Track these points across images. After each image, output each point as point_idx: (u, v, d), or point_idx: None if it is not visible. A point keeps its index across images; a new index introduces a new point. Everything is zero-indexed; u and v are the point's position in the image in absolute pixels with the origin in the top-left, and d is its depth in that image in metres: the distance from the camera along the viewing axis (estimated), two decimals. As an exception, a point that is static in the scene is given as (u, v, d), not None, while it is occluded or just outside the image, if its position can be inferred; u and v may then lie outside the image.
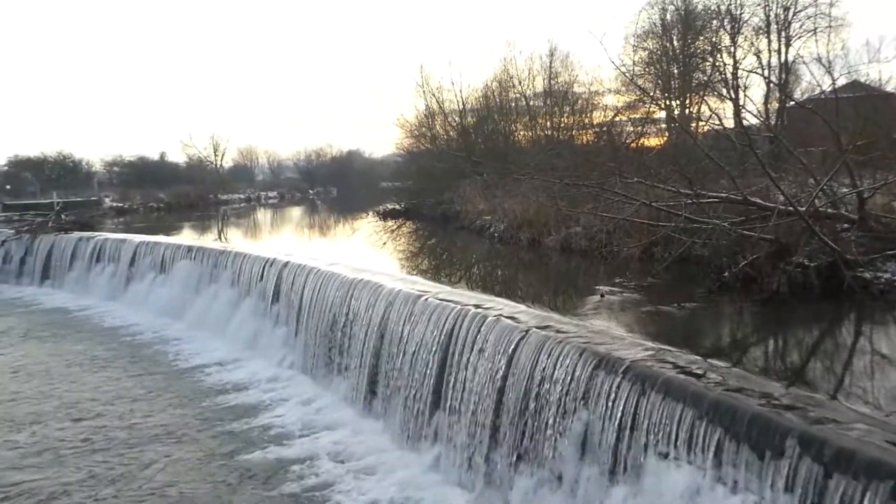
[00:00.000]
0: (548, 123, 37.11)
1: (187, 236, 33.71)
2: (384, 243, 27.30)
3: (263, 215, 57.48)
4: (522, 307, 10.48)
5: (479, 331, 9.72)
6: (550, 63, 37.74)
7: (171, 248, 23.72)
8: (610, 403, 7.24)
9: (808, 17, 36.11)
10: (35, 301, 26.22)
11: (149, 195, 65.30)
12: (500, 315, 9.75)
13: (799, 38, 36.34)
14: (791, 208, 12.01)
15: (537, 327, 9.01)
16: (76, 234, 29.98)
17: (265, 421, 12.39)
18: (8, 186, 62.12)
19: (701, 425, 6.20)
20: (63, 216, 36.18)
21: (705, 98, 29.22)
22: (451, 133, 41.69)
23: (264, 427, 12.11)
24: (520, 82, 38.34)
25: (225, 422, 12.49)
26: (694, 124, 27.81)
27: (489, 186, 28.43)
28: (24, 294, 27.85)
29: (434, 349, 10.46)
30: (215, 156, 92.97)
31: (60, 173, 72.26)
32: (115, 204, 58.85)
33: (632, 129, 30.26)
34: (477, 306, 10.42)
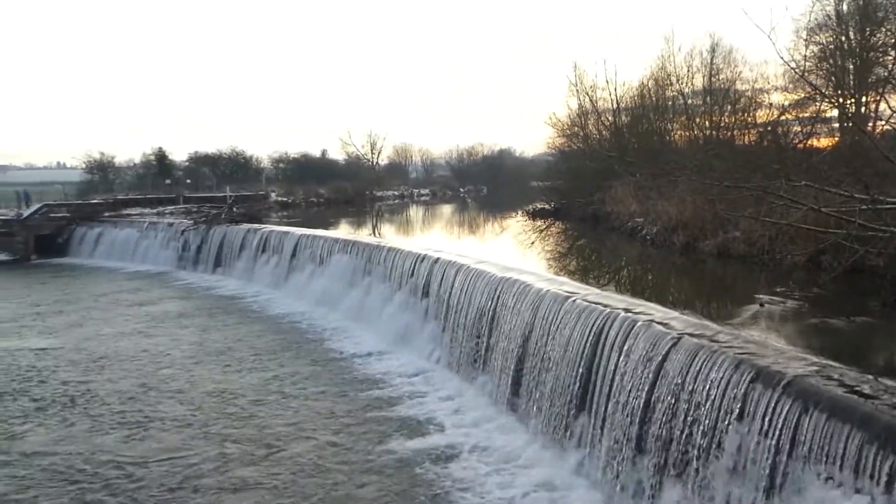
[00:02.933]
0: (706, 123, 35.45)
1: (344, 231, 35.22)
2: (532, 243, 27.23)
3: (415, 212, 58.99)
4: (674, 313, 10.14)
5: (627, 335, 9.52)
6: (712, 59, 35.94)
7: (329, 241, 24.89)
8: (767, 420, 6.87)
9: None
10: (208, 287, 28.39)
11: (310, 190, 68.67)
12: (651, 320, 9.50)
13: None
14: None
15: (689, 334, 8.70)
16: (245, 226, 32.15)
17: (411, 412, 12.78)
18: (188, 181, 67.38)
19: (871, 450, 5.74)
20: (234, 209, 38.84)
21: (885, 95, 26.84)
22: (604, 132, 40.82)
23: (409, 418, 12.49)
24: (678, 80, 36.90)
25: (371, 410, 13.00)
26: (871, 124, 25.63)
27: (642, 187, 27.61)
28: (199, 280, 30.24)
29: (580, 351, 10.36)
30: (372, 153, 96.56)
31: (233, 169, 77.62)
32: (279, 198, 62.31)
33: (799, 128, 28.34)
34: (626, 310, 10.21)
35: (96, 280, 31.16)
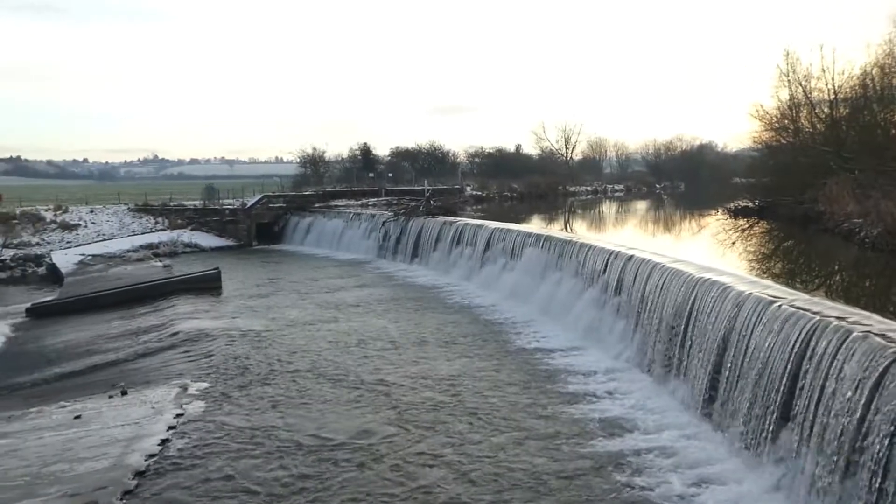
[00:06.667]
0: (944, 113, 31.69)
1: (536, 225, 35.46)
2: (733, 243, 25.91)
3: (608, 208, 58.06)
4: (896, 325, 9.26)
5: (840, 346, 8.82)
6: (952, 40, 32.00)
7: (521, 235, 25.19)
8: None
9: None
10: (405, 276, 29.84)
11: (503, 185, 69.83)
12: (868, 331, 8.73)
13: None
14: None
15: (915, 350, 7.92)
16: (441, 219, 33.39)
17: (598, 412, 12.65)
18: (390, 174, 71.15)
19: None
20: (431, 202, 40.40)
21: None
22: (818, 125, 37.73)
23: (596, 418, 12.36)
24: (908, 65, 33.22)
25: (560, 406, 13.03)
26: None
27: (862, 186, 25.30)
28: (398, 269, 31.86)
29: (785, 361, 9.76)
30: (566, 148, 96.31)
31: (431, 163, 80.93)
32: (474, 192, 63.95)
33: None
34: (839, 318, 9.45)
35: (305, 266, 33.87)
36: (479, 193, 64.21)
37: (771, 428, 9.78)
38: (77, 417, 12.88)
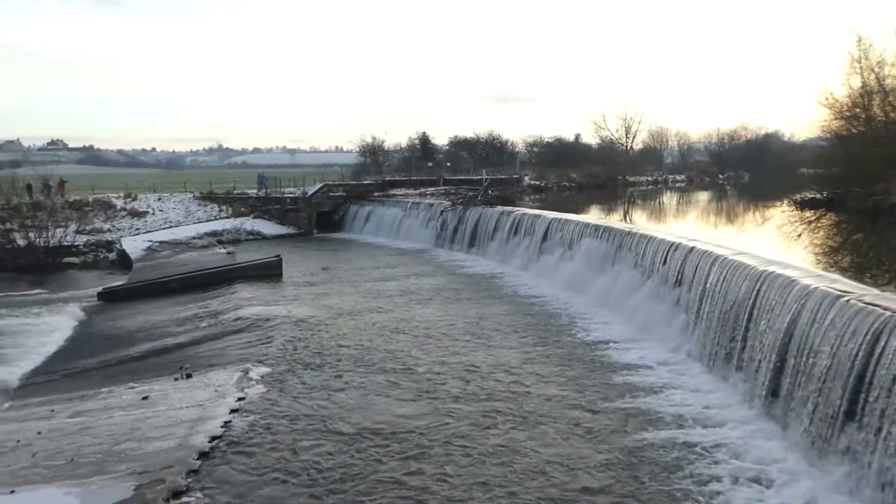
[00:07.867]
0: None
1: (594, 216, 35.08)
2: (799, 235, 25.14)
3: (669, 198, 57.00)
4: (975, 323, 8.87)
5: (912, 344, 8.54)
6: None
7: (580, 226, 24.97)
8: None
9: None
10: (462, 265, 29.92)
11: (562, 174, 69.27)
12: (942, 329, 8.43)
13: None
14: None
15: None
16: (499, 208, 33.35)
17: (656, 405, 12.49)
18: (448, 164, 71.29)
19: None
20: (489, 191, 40.32)
21: None
22: (892, 114, 36.21)
23: (654, 411, 12.21)
24: None
25: (616, 399, 12.91)
26: None
27: (939, 177, 24.24)
28: (455, 258, 31.97)
29: (853, 357, 9.48)
30: (626, 137, 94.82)
31: (489, 152, 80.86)
32: (532, 182, 63.58)
33: None
34: (911, 315, 9.14)
35: (364, 255, 34.29)
36: (538, 183, 63.78)
37: (836, 426, 9.52)
38: (145, 398, 13.38)
